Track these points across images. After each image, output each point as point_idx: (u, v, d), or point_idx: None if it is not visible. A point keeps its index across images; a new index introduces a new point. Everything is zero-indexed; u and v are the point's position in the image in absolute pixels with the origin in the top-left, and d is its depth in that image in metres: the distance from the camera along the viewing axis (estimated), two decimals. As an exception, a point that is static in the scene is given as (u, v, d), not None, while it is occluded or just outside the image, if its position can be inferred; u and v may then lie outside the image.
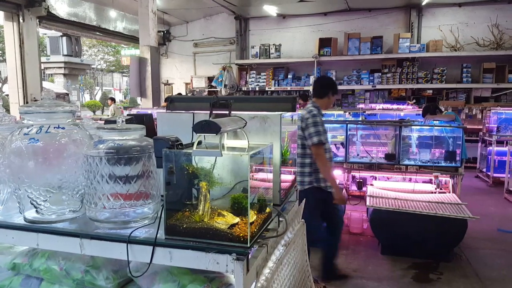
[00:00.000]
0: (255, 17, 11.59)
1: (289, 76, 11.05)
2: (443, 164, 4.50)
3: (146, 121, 2.08)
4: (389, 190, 4.58)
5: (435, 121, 5.00)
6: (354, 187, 5.62)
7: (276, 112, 1.84)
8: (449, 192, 4.43)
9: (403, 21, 10.53)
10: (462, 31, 9.97)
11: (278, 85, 11.03)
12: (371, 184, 4.96)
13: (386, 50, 10.32)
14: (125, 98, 30.84)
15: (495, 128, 7.42)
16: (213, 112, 1.79)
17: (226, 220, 1.36)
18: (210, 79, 11.73)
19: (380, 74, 10.25)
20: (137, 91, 9.65)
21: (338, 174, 5.10)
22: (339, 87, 10.55)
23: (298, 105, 2.22)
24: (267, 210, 1.62)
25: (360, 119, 5.89)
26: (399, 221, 3.82)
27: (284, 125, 1.88)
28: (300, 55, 11.09)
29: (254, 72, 11.35)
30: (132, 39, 12.24)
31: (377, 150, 5.09)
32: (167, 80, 12.76)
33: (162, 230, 1.37)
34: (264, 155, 1.66)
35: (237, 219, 1.41)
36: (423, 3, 9.87)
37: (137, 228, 1.43)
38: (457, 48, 9.96)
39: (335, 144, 5.11)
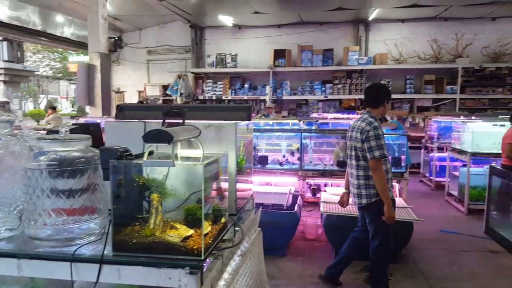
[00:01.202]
0: (211, 26, 11.59)
1: (245, 85, 11.14)
2: (390, 170, 4.72)
3: (93, 131, 1.98)
4: (342, 196, 4.71)
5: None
6: (309, 194, 5.75)
7: (231, 121, 1.83)
8: (396, 196, 4.64)
9: (352, 35, 11.04)
10: (405, 45, 10.65)
11: (235, 94, 11.08)
12: (325, 191, 5.09)
13: (336, 62, 10.75)
14: (72, 107, 29.32)
15: (436, 136, 7.95)
16: (166, 121, 1.74)
17: (179, 232, 1.32)
18: (164, 87, 11.51)
19: (331, 85, 10.64)
20: (84, 99, 9.20)
21: (293, 182, 5.20)
22: (294, 97, 10.95)
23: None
24: (223, 220, 1.60)
25: (314, 128, 6.04)
26: (351, 225, 3.92)
27: (239, 134, 1.88)
28: (256, 65, 11.23)
29: (211, 81, 11.31)
30: (81, 45, 11.71)
31: (329, 158, 5.25)
32: (119, 88, 12.33)
33: (110, 246, 1.30)
34: (219, 165, 1.64)
35: (191, 231, 1.38)
36: (370, 18, 10.43)
37: (83, 245, 1.34)
38: (401, 61, 10.62)
39: (292, 152, 5.19)
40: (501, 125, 5.78)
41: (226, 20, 10.71)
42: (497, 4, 8.80)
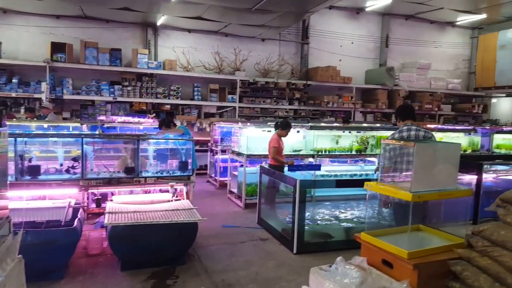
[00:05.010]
0: (-40, 4, 9.10)
1: (14, 80, 9.30)
2: (178, 173, 4.89)
3: None
4: (130, 203, 4.55)
5: (170, 135, 5.39)
6: (93, 205, 5.26)
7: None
8: (184, 199, 4.84)
9: (140, 37, 10.92)
10: (192, 54, 11.35)
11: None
12: (111, 200, 4.78)
13: (125, 63, 10.38)
14: None
15: (220, 140, 8.78)
16: None
17: None
18: None
19: (120, 86, 10.19)
20: None
21: (74, 193, 4.64)
22: (78, 97, 9.89)
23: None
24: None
25: (97, 132, 5.60)
26: (138, 234, 3.83)
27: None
28: (28, 58, 9.60)
29: (-39, 72, 8.86)
30: None
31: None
32: None
33: None
34: None
35: None
36: (158, 24, 10.58)
37: None
38: (189, 69, 11.25)
39: (77, 161, 4.58)
40: (268, 131, 6.91)
41: (-17, -2, 8.64)
42: (265, 27, 10.52)
